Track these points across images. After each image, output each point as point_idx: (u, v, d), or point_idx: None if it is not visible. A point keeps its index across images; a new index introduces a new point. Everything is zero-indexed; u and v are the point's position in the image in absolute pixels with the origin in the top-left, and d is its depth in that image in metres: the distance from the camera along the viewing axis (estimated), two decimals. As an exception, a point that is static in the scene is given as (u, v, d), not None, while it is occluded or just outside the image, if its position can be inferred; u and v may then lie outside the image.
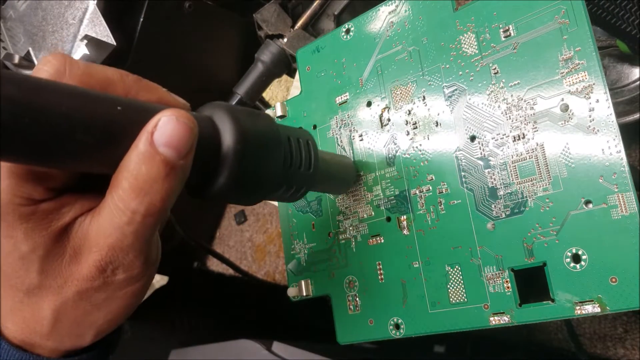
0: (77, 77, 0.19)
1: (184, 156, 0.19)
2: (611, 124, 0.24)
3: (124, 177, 0.18)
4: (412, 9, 0.32)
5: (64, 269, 0.20)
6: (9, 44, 0.48)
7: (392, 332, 0.31)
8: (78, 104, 0.17)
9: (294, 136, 0.26)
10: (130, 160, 0.18)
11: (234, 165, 0.21)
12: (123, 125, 0.18)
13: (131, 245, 0.20)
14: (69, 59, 0.19)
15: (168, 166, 0.19)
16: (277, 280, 0.70)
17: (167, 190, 0.19)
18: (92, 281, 0.20)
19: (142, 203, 0.19)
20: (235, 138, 0.21)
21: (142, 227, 0.19)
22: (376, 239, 0.32)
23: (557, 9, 0.26)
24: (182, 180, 0.20)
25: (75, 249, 0.20)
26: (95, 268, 0.20)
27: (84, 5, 0.43)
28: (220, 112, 0.22)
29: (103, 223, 0.19)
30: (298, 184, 0.27)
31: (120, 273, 0.20)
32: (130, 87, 0.21)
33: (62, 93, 0.17)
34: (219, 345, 0.51)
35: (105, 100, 0.18)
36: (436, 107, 0.30)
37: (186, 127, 0.19)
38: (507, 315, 0.27)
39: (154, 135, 0.18)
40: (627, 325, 0.48)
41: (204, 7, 0.51)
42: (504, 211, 0.27)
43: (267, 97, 0.68)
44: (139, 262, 0.21)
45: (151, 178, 0.18)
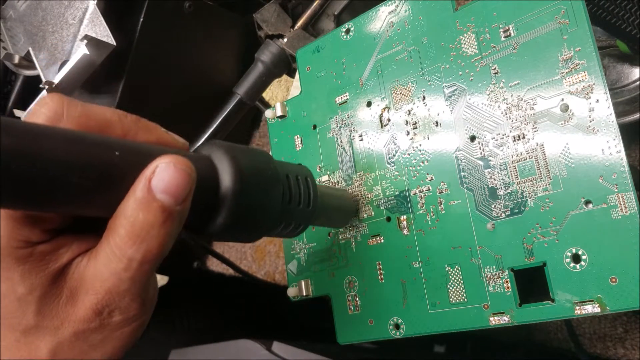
0: (75, 119, 0.19)
1: (182, 202, 0.19)
2: (611, 124, 0.24)
3: (120, 224, 0.19)
4: (412, 9, 0.32)
5: (61, 310, 0.20)
6: (9, 44, 0.48)
7: (392, 332, 0.31)
8: (74, 149, 0.17)
9: (293, 173, 0.27)
10: (127, 206, 0.18)
11: (233, 206, 0.22)
12: (121, 170, 0.18)
13: (127, 289, 0.20)
14: (66, 101, 0.19)
15: (165, 212, 0.19)
16: (277, 280, 0.70)
17: (164, 237, 0.19)
18: (88, 323, 0.20)
19: (139, 250, 0.19)
20: (234, 178, 0.22)
21: (139, 274, 0.19)
22: (376, 239, 0.32)
23: (557, 9, 0.26)
24: (179, 225, 0.20)
25: (72, 290, 0.20)
26: (91, 310, 0.20)
27: (84, 5, 0.43)
28: (218, 152, 0.22)
29: (99, 267, 0.19)
30: (297, 221, 0.27)
31: (117, 315, 0.21)
32: (129, 128, 0.21)
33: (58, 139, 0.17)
34: (219, 345, 0.51)
35: (103, 145, 0.18)
36: (436, 107, 0.30)
37: (184, 173, 0.19)
38: (507, 315, 0.27)
39: (152, 181, 0.18)
40: (627, 325, 0.48)
41: (204, 7, 0.51)
42: (504, 211, 0.27)
43: (267, 97, 0.68)
44: (136, 304, 0.21)
45: (148, 225, 0.18)
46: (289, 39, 0.47)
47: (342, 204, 0.32)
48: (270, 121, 0.38)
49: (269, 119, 0.39)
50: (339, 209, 0.32)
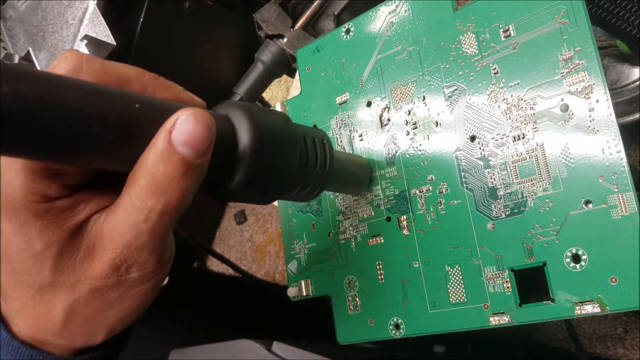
0: (94, 73, 0.19)
1: (202, 155, 0.19)
2: (611, 124, 0.24)
3: (141, 175, 0.18)
4: (412, 9, 0.32)
5: (78, 267, 0.20)
6: (9, 44, 0.48)
7: (392, 332, 0.31)
8: (95, 100, 0.17)
9: (310, 135, 0.26)
10: (148, 158, 0.18)
11: (251, 164, 0.22)
12: (141, 123, 0.18)
13: (146, 243, 0.20)
14: (85, 56, 0.19)
15: (186, 165, 0.18)
16: (277, 280, 0.70)
17: (184, 189, 0.19)
18: (105, 279, 0.20)
19: (159, 201, 0.19)
20: (252, 136, 0.22)
21: (158, 225, 0.19)
22: (376, 239, 0.32)
23: (557, 9, 0.26)
24: (199, 179, 0.19)
25: (89, 246, 0.20)
26: (109, 266, 0.20)
27: (84, 5, 0.43)
28: (236, 111, 0.22)
29: (119, 221, 0.19)
30: (313, 183, 0.27)
31: (134, 271, 0.20)
32: (147, 85, 0.21)
33: (78, 89, 0.17)
34: (219, 345, 0.51)
35: (123, 97, 0.18)
36: (436, 107, 0.30)
37: (205, 125, 0.19)
38: (507, 315, 0.27)
39: (172, 133, 0.18)
40: (627, 325, 0.48)
41: (204, 7, 0.51)
42: (504, 211, 0.27)
43: (267, 97, 0.68)
44: (153, 260, 0.21)
45: (169, 176, 0.18)
46: (289, 39, 0.47)
47: (357, 171, 0.32)
48: (270, 121, 0.38)
49: (269, 119, 0.38)
50: (354, 174, 0.32)
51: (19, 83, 0.15)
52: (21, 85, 0.15)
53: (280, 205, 0.38)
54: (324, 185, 0.28)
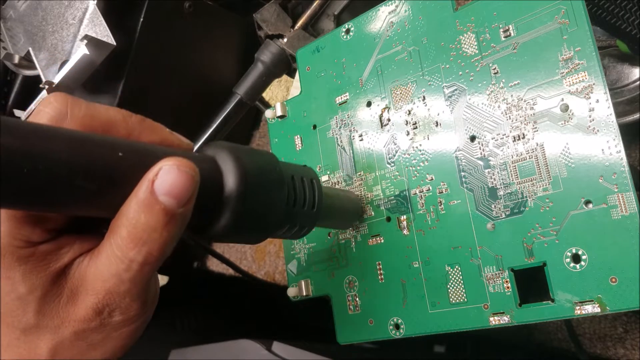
0: (79, 119, 0.19)
1: (185, 204, 0.19)
2: (611, 124, 0.24)
3: (122, 225, 0.18)
4: (412, 9, 0.32)
5: (61, 310, 0.20)
6: (9, 44, 0.48)
7: (392, 332, 0.31)
8: (77, 150, 0.17)
9: (298, 175, 0.26)
10: (129, 208, 0.18)
11: (237, 207, 0.21)
12: (124, 172, 0.18)
13: (128, 290, 0.20)
14: (71, 100, 0.19)
15: (168, 215, 0.18)
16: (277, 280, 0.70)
17: (165, 239, 0.19)
18: (89, 322, 0.20)
19: (140, 252, 0.19)
20: (238, 180, 0.21)
21: (140, 275, 0.19)
22: (376, 239, 0.32)
23: (557, 9, 0.26)
24: (181, 228, 0.20)
25: (72, 290, 0.20)
26: (92, 310, 0.20)
27: (84, 5, 0.43)
28: (222, 153, 0.22)
29: (101, 268, 0.19)
30: (302, 223, 0.27)
31: (117, 315, 0.21)
32: (133, 128, 0.21)
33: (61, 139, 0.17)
34: (219, 345, 0.51)
35: (107, 146, 0.18)
36: (436, 107, 0.30)
37: (188, 176, 0.19)
38: (507, 315, 0.27)
39: (155, 183, 0.18)
40: (627, 325, 0.48)
41: (204, 7, 0.51)
42: (504, 211, 0.27)
43: (267, 97, 0.68)
44: (137, 305, 0.21)
45: (150, 227, 0.18)
46: (289, 39, 0.47)
47: (347, 206, 0.32)
48: (270, 121, 0.38)
49: (269, 119, 0.39)
50: (344, 211, 0.32)
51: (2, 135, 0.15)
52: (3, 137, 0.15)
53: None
54: (313, 224, 0.28)
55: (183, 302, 0.71)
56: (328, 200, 0.29)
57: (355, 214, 0.33)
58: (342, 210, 0.32)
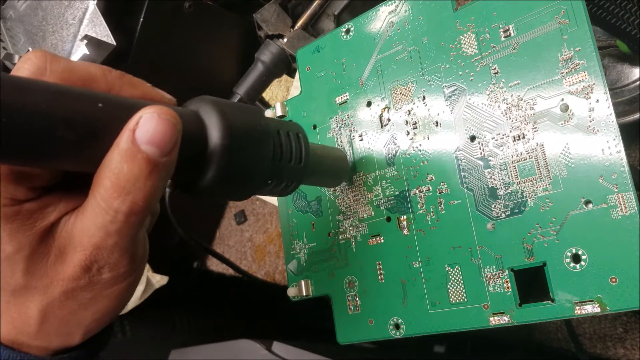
0: (58, 74, 0.19)
1: (167, 153, 0.19)
2: (611, 124, 0.24)
3: (105, 176, 0.18)
4: (412, 9, 0.32)
5: (50, 269, 0.20)
6: (9, 44, 0.48)
7: (392, 332, 0.31)
8: (57, 101, 0.17)
9: (284, 129, 0.26)
10: (111, 158, 0.18)
11: (222, 161, 0.21)
12: (104, 122, 0.18)
13: (115, 244, 0.20)
14: (49, 56, 0.19)
15: (150, 164, 0.18)
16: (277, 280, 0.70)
17: (149, 189, 0.19)
18: (77, 280, 0.20)
19: (125, 202, 0.18)
20: (222, 133, 0.21)
21: (126, 226, 0.19)
22: (376, 239, 0.32)
23: (557, 9, 0.26)
24: (165, 178, 0.19)
25: (60, 248, 0.20)
26: (80, 268, 0.20)
27: (84, 5, 0.43)
28: (206, 107, 0.22)
29: (87, 222, 0.19)
30: (288, 178, 0.26)
31: (106, 272, 0.20)
32: (113, 83, 0.20)
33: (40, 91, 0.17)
34: (219, 345, 0.51)
35: (86, 97, 0.18)
36: (436, 107, 0.30)
37: (169, 123, 0.18)
38: (507, 315, 0.27)
39: (136, 132, 0.18)
40: (627, 325, 0.48)
41: (204, 7, 0.51)
42: (504, 211, 0.27)
43: (267, 97, 0.68)
44: (125, 260, 0.21)
45: (133, 177, 0.18)
46: (289, 39, 0.47)
47: (335, 163, 0.32)
48: (270, 121, 0.38)
49: (269, 119, 0.39)
50: (332, 168, 0.31)
51: None
52: None
53: (281, 206, 0.38)
54: (300, 179, 0.27)
55: (183, 302, 0.71)
56: (315, 157, 0.29)
57: (343, 172, 0.32)
58: (330, 167, 0.31)
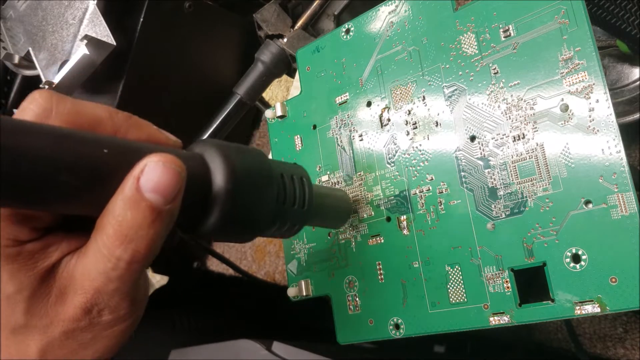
0: (64, 116, 0.19)
1: (171, 201, 0.19)
2: (611, 124, 0.24)
3: (108, 222, 0.18)
4: (412, 9, 0.32)
5: (50, 309, 0.20)
6: (9, 44, 0.48)
7: (392, 332, 0.31)
8: (62, 146, 0.17)
9: (288, 173, 0.26)
10: (115, 205, 0.18)
11: (226, 205, 0.21)
12: (109, 168, 0.18)
13: (116, 289, 0.20)
14: (56, 97, 0.19)
15: (154, 212, 0.18)
16: (277, 280, 0.70)
17: (152, 237, 0.19)
18: (78, 322, 0.20)
19: (127, 250, 0.18)
20: (227, 178, 0.21)
21: (127, 273, 0.19)
22: (376, 239, 0.32)
23: (557, 9, 0.26)
24: (168, 225, 0.19)
25: (61, 289, 0.20)
26: (81, 309, 0.20)
27: (84, 5, 0.43)
28: (210, 151, 0.22)
29: (88, 266, 0.19)
30: (292, 221, 0.26)
31: (107, 314, 0.20)
32: (119, 125, 0.20)
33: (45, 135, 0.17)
34: (219, 345, 0.51)
35: (91, 142, 0.18)
36: (436, 107, 0.30)
37: (173, 172, 0.18)
38: (507, 315, 0.27)
39: (140, 180, 0.18)
40: (627, 325, 0.48)
41: (204, 7, 0.51)
42: (504, 211, 0.27)
43: (267, 97, 0.68)
44: (125, 303, 0.21)
45: (136, 224, 0.18)
46: (289, 39, 0.47)
47: (339, 205, 0.32)
48: (270, 121, 0.38)
49: (269, 119, 0.39)
50: (335, 209, 0.32)
51: None
52: None
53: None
54: (304, 222, 0.27)
55: (183, 302, 0.71)
56: (319, 199, 0.29)
57: (347, 213, 0.33)
58: (333, 208, 0.31)
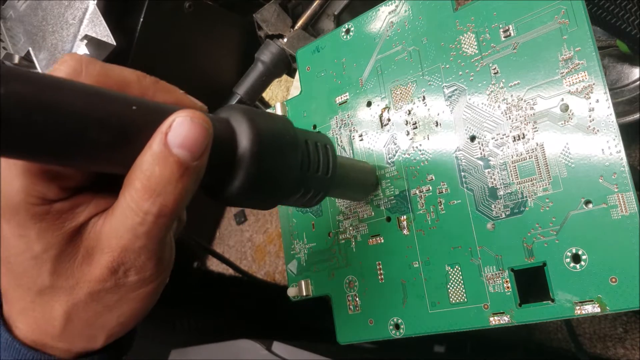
0: (94, 77, 0.19)
1: (198, 157, 0.19)
2: (611, 124, 0.24)
3: (137, 178, 0.18)
4: (412, 9, 0.32)
5: (76, 270, 0.20)
6: (9, 44, 0.48)
7: (392, 332, 0.31)
8: (92, 102, 0.17)
9: (312, 140, 0.26)
10: (143, 160, 0.18)
11: (251, 168, 0.21)
12: (137, 125, 0.18)
13: (143, 246, 0.20)
14: (86, 59, 0.19)
15: (182, 167, 0.18)
16: (277, 280, 0.70)
17: (180, 192, 0.19)
18: (104, 282, 0.20)
19: (155, 204, 0.18)
20: (252, 140, 0.21)
21: (155, 228, 0.19)
22: (376, 239, 0.32)
23: (557, 9, 0.26)
24: (196, 182, 0.19)
25: (88, 249, 0.20)
26: (107, 269, 0.20)
27: (84, 5, 0.43)
28: (237, 114, 0.22)
29: (115, 224, 0.19)
30: (315, 189, 0.26)
31: (133, 275, 0.20)
32: (147, 88, 0.21)
33: (75, 91, 0.17)
34: (219, 345, 0.51)
35: (120, 100, 0.18)
36: (436, 107, 0.30)
37: (201, 127, 0.19)
38: (507, 315, 0.27)
39: (168, 135, 0.18)
40: (627, 325, 0.48)
41: (204, 7, 0.51)
42: (504, 211, 0.27)
43: (267, 97, 0.68)
44: (152, 263, 0.21)
45: (164, 179, 0.18)
46: (289, 39, 0.47)
47: (361, 176, 0.32)
48: (270, 121, 0.38)
49: (269, 119, 0.38)
50: (358, 180, 0.32)
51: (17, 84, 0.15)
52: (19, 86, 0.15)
53: (281, 205, 0.38)
54: (327, 190, 0.27)
55: (183, 302, 0.71)
56: (343, 169, 0.29)
57: (370, 185, 0.32)
58: (357, 179, 0.31)
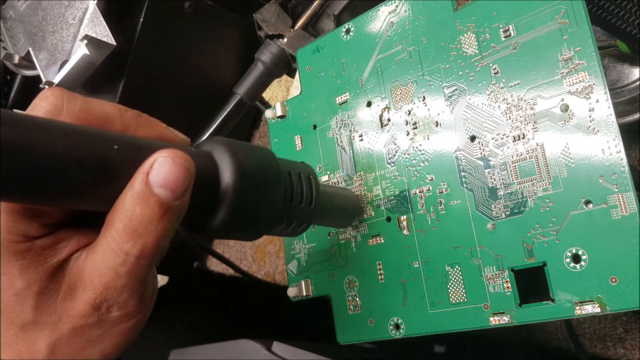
0: (75, 113, 0.19)
1: (180, 197, 0.19)
2: (611, 124, 0.24)
3: (118, 218, 0.18)
4: (412, 9, 0.32)
5: (59, 306, 0.20)
6: (9, 44, 0.48)
7: (392, 332, 0.31)
8: (72, 142, 0.17)
9: (295, 171, 0.26)
10: (125, 200, 0.18)
11: (233, 203, 0.21)
12: (119, 164, 0.18)
13: (125, 285, 0.20)
14: (67, 95, 0.19)
15: (163, 207, 0.18)
16: (277, 280, 0.70)
17: (161, 231, 0.19)
18: (86, 318, 0.20)
19: (136, 245, 0.19)
20: (234, 175, 0.21)
21: (136, 268, 0.19)
22: (376, 239, 0.32)
23: (557, 9, 0.26)
24: (177, 221, 0.19)
25: (70, 285, 0.20)
26: (90, 305, 0.20)
27: (84, 5, 0.43)
28: (219, 148, 0.22)
29: (97, 262, 0.19)
30: (299, 220, 0.27)
31: (115, 311, 0.20)
32: (129, 123, 0.21)
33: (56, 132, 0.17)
34: (219, 345, 0.51)
35: (101, 138, 0.18)
36: (436, 107, 0.30)
37: (182, 167, 0.19)
38: (507, 315, 0.27)
39: (150, 175, 0.18)
40: (627, 325, 0.48)
41: (204, 7, 0.51)
42: (504, 211, 0.27)
43: (267, 97, 0.68)
44: (134, 300, 0.21)
45: (146, 219, 0.18)
46: (289, 39, 0.47)
47: (345, 204, 0.32)
48: (270, 121, 0.38)
49: (269, 119, 0.39)
50: (342, 209, 0.32)
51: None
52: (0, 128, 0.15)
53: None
54: (310, 221, 0.27)
55: (183, 302, 0.71)
56: (326, 198, 0.29)
57: (354, 212, 0.33)
58: (340, 208, 0.32)
